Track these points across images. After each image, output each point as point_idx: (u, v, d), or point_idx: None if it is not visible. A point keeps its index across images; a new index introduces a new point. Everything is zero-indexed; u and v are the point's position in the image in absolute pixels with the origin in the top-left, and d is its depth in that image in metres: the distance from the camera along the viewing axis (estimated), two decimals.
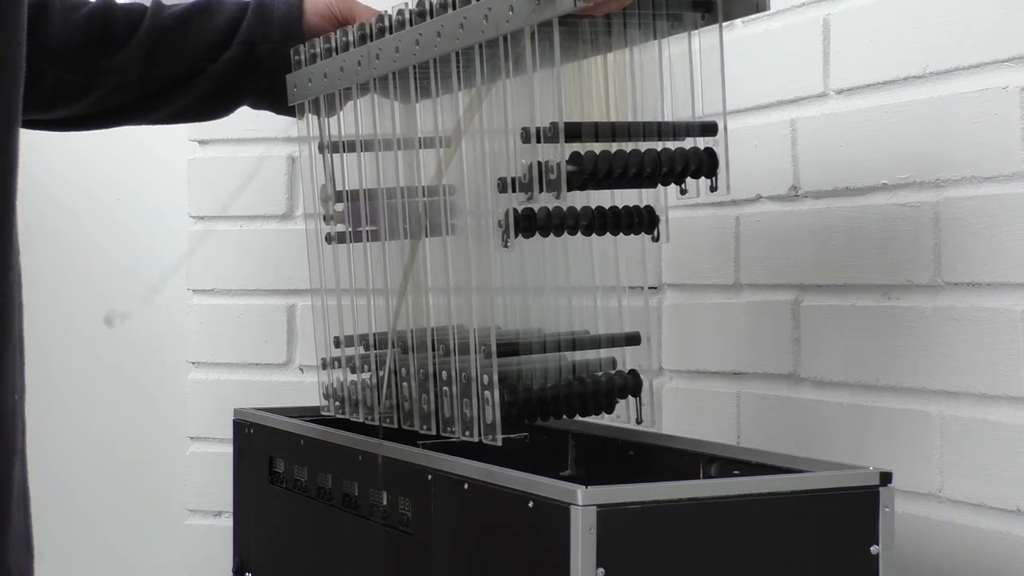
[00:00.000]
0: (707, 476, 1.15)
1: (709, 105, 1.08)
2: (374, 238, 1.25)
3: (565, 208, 1.04)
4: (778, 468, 1.08)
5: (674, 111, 1.07)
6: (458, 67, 1.09)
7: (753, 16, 1.53)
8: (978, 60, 1.25)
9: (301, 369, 1.81)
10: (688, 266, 1.64)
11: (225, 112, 1.40)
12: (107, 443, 2.03)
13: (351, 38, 1.22)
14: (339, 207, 1.28)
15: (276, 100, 1.35)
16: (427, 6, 1.10)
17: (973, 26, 1.26)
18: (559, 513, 0.90)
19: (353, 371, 1.26)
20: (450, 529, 1.04)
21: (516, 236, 1.03)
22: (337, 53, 1.24)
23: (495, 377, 1.06)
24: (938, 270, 1.29)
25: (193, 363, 1.86)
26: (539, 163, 1.00)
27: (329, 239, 1.29)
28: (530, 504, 0.93)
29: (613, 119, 1.09)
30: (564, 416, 1.14)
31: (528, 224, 1.04)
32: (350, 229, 1.27)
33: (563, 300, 1.17)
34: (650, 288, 1.61)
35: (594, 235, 1.09)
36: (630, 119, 1.08)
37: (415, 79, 1.15)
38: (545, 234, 1.05)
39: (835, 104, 1.42)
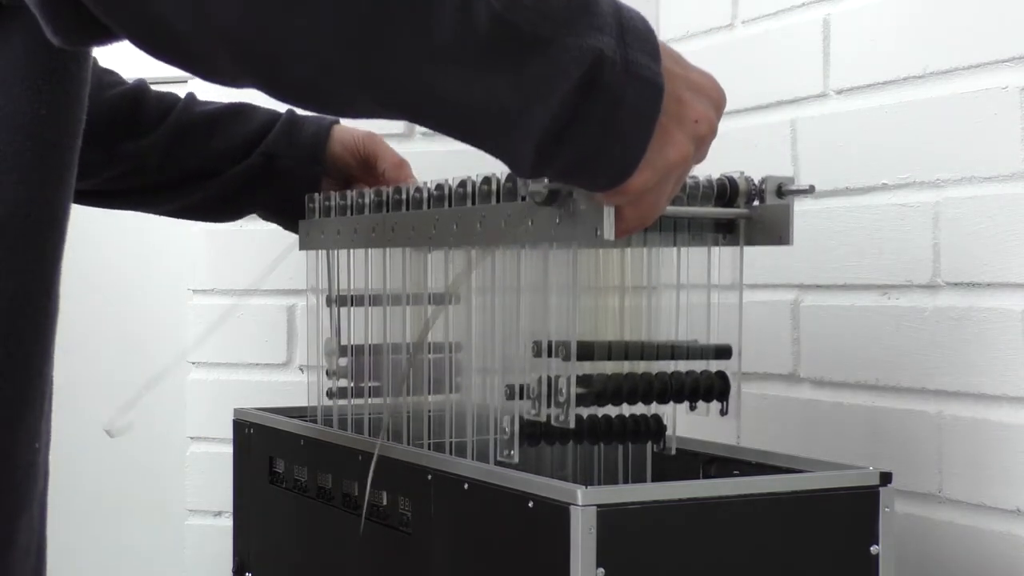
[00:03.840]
0: (707, 476, 1.15)
1: (725, 313, 1.07)
2: (376, 394, 1.25)
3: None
4: (778, 468, 1.08)
5: (689, 324, 1.06)
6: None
7: (753, 16, 1.54)
8: (978, 60, 1.25)
9: (301, 369, 1.81)
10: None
11: (234, 216, 1.40)
12: (107, 443, 2.03)
13: (367, 201, 1.21)
14: (343, 362, 1.27)
15: (287, 216, 1.35)
16: (446, 191, 1.08)
17: (973, 26, 1.26)
18: (559, 513, 0.90)
19: None
20: (450, 529, 1.04)
21: (521, 446, 1.02)
22: (351, 214, 1.23)
23: None
24: (938, 270, 1.29)
25: (193, 363, 1.86)
26: (549, 378, 0.99)
27: (330, 395, 1.29)
28: (530, 504, 0.93)
29: (627, 326, 1.07)
30: None
31: (533, 432, 1.02)
32: (352, 384, 1.27)
33: None
34: None
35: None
36: (644, 333, 1.06)
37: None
38: (551, 443, 1.04)
39: (835, 104, 1.42)
